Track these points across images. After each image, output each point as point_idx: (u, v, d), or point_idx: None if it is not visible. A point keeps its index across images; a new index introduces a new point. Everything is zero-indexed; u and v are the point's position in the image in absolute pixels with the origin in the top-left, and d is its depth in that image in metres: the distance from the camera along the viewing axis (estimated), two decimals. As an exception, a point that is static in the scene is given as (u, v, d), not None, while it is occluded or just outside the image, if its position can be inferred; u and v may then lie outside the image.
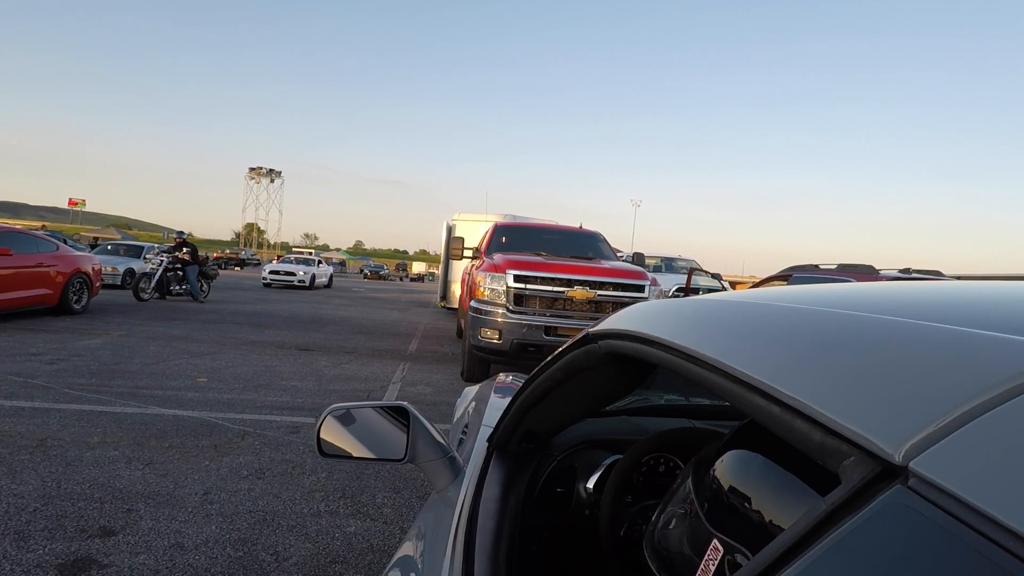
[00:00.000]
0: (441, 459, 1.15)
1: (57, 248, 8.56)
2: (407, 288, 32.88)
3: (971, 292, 0.57)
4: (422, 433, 1.13)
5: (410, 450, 1.11)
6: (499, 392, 1.81)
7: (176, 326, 8.45)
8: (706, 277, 11.91)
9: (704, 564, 0.58)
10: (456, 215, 13.30)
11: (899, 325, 0.46)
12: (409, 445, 1.11)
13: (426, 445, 1.13)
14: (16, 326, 7.25)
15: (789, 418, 0.43)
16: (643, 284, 6.02)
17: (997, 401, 0.33)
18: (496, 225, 8.05)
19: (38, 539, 2.35)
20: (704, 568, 0.58)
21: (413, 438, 1.12)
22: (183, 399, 4.59)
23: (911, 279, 4.92)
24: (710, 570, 0.57)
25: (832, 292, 0.66)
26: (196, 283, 12.54)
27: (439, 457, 1.14)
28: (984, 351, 0.38)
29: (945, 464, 0.31)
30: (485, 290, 5.92)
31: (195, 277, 12.53)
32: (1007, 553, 0.26)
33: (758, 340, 0.54)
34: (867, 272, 6.84)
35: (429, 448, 1.14)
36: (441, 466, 1.14)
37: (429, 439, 1.14)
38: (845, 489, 0.36)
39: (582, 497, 1.16)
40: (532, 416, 1.06)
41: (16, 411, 3.94)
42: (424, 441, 1.13)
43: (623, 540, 0.98)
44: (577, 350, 0.89)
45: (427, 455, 1.13)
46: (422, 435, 1.13)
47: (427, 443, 1.13)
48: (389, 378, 6.09)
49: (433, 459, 1.14)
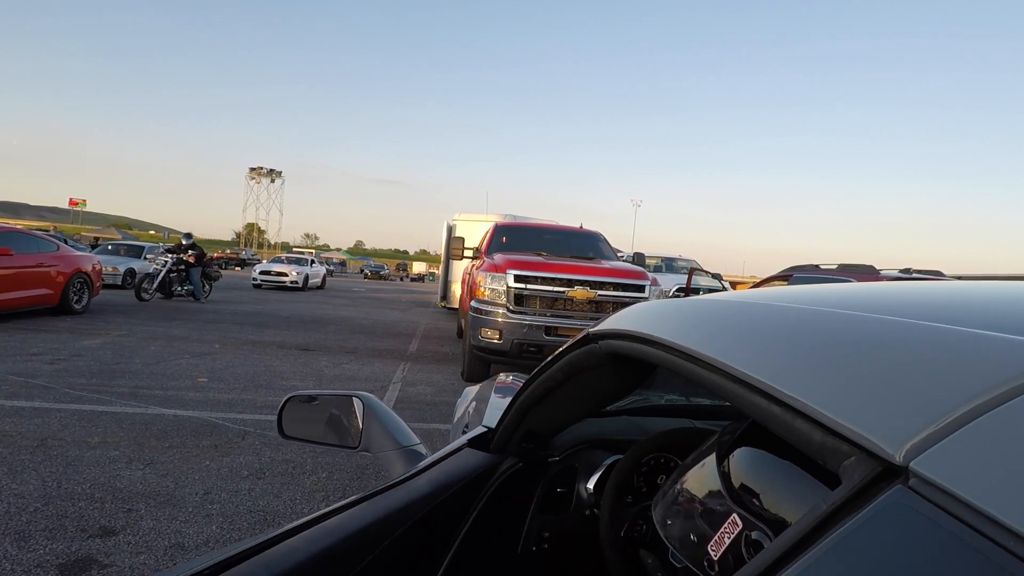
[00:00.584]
0: (396, 450, 1.15)
1: (58, 248, 8.57)
2: (407, 288, 32.90)
3: (972, 292, 0.57)
4: (377, 424, 1.16)
5: (364, 439, 1.15)
6: (499, 392, 1.81)
7: (177, 326, 8.45)
8: (706, 277, 11.92)
9: (719, 536, 0.58)
10: (457, 215, 13.30)
11: (900, 325, 0.46)
12: (363, 434, 1.15)
13: (381, 435, 1.15)
14: (17, 326, 7.25)
15: (789, 418, 0.43)
16: (643, 284, 6.02)
17: (998, 401, 0.33)
18: (496, 225, 8.06)
19: (39, 539, 2.35)
20: (718, 540, 0.58)
21: (367, 427, 1.15)
22: (184, 399, 4.59)
23: (912, 279, 4.92)
24: (724, 542, 0.57)
25: (833, 292, 0.66)
26: (199, 283, 12.58)
27: (393, 448, 1.16)
28: (985, 351, 0.38)
29: (946, 464, 0.31)
30: (485, 290, 5.92)
31: (198, 278, 12.57)
32: (1008, 553, 0.26)
33: (758, 340, 0.54)
34: (868, 272, 6.84)
35: (384, 439, 1.16)
36: (395, 457, 1.15)
37: (383, 430, 1.15)
38: (846, 489, 0.36)
39: (582, 497, 1.16)
40: (532, 416, 1.06)
41: (17, 411, 3.94)
42: (379, 431, 1.15)
43: (623, 540, 0.98)
44: (577, 350, 0.89)
45: (381, 445, 1.15)
46: (377, 425, 1.15)
47: (381, 434, 1.15)
48: (390, 378, 6.10)
49: (388, 450, 1.15)
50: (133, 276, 14.33)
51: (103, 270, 10.99)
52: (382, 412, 1.20)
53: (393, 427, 1.19)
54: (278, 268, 19.09)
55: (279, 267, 19.31)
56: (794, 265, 8.15)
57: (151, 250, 15.76)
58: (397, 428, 1.20)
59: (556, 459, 1.21)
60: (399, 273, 66.74)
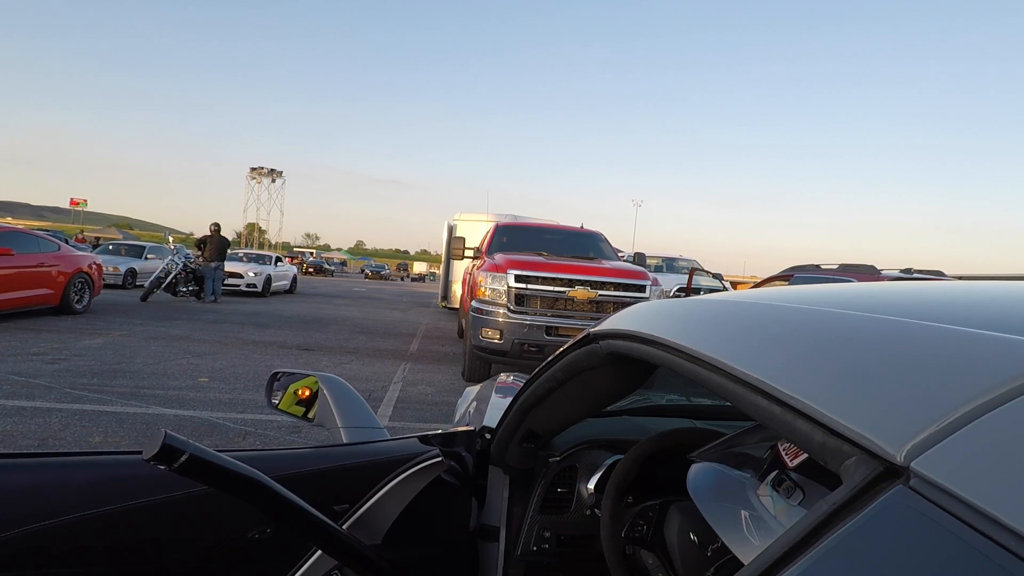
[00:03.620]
0: (345, 428, 1.28)
1: (59, 248, 8.57)
2: (408, 288, 32.89)
3: (972, 292, 0.57)
4: (336, 403, 1.32)
5: (319, 415, 1.35)
6: (500, 392, 1.81)
7: (177, 326, 8.45)
8: (707, 277, 11.91)
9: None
10: (457, 215, 13.29)
11: (901, 325, 0.46)
12: (319, 411, 1.35)
13: (337, 414, 1.31)
14: (18, 326, 7.26)
15: (790, 418, 0.43)
16: (644, 284, 6.02)
17: (999, 401, 0.33)
18: (497, 225, 8.05)
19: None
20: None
21: (324, 406, 1.34)
22: (184, 399, 4.59)
23: (912, 279, 4.92)
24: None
25: (833, 292, 0.66)
26: (220, 282, 12.49)
27: (342, 426, 1.29)
28: (985, 351, 0.38)
29: (947, 464, 0.31)
30: (486, 290, 5.92)
31: (222, 275, 12.50)
32: (1009, 553, 0.26)
33: (759, 340, 0.54)
34: (868, 272, 6.84)
35: (338, 417, 1.31)
36: (341, 434, 1.27)
37: (341, 410, 1.31)
38: (847, 489, 0.36)
39: (583, 497, 1.16)
40: (533, 416, 1.06)
41: (18, 411, 3.94)
42: (337, 410, 1.31)
43: (624, 540, 0.98)
44: (578, 350, 0.89)
45: (333, 422, 1.30)
46: (336, 405, 1.32)
47: (338, 412, 1.31)
48: (390, 378, 6.09)
49: (335, 427, 1.30)
50: (134, 276, 14.31)
51: (104, 270, 10.99)
52: (345, 394, 1.35)
53: (352, 409, 1.32)
54: (229, 268, 13.90)
55: (231, 266, 14.23)
56: (795, 265, 8.15)
57: (152, 250, 15.76)
58: (356, 410, 1.33)
59: (557, 459, 1.21)
60: (400, 273, 66.66)
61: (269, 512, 0.76)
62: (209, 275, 12.22)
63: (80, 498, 0.81)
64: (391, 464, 1.04)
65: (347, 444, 1.15)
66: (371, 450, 1.09)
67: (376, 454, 1.08)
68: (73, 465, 0.85)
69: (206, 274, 12.21)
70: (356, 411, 1.32)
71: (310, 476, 0.97)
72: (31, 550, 0.76)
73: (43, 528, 0.77)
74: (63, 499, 0.80)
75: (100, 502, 0.81)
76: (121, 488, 0.84)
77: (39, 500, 0.79)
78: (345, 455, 1.05)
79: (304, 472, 0.97)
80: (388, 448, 1.10)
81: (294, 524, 0.79)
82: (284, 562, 0.95)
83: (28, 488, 0.80)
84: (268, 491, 0.74)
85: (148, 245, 16.13)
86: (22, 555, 0.76)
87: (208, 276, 12.22)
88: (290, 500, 0.76)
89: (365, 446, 1.11)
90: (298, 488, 0.79)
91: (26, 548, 0.76)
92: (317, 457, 1.01)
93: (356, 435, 1.25)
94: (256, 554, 0.92)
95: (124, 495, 0.83)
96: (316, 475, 0.98)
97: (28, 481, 0.81)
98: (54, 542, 0.78)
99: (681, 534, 0.88)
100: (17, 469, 0.81)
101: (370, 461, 1.05)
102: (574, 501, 1.18)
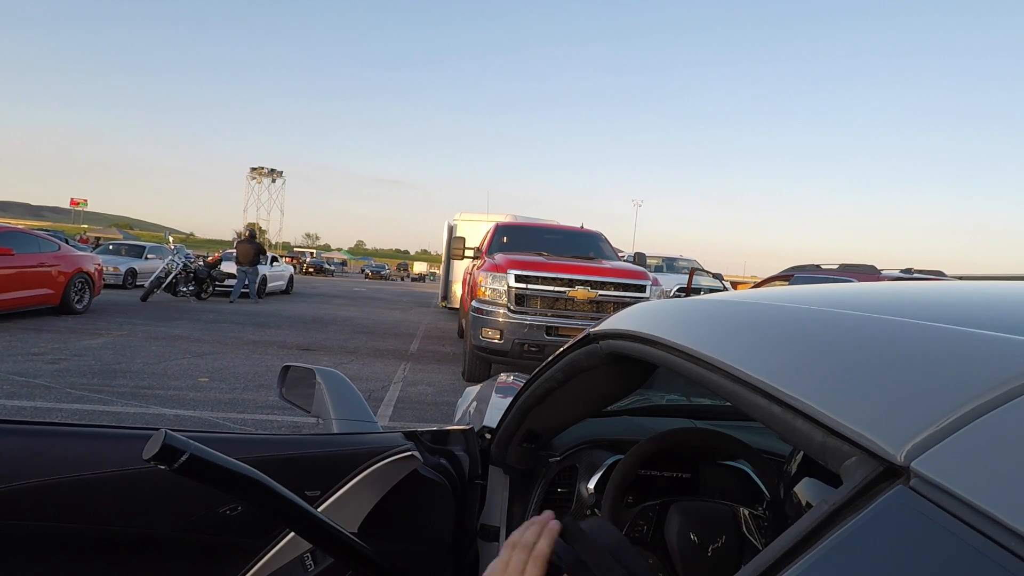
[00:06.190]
0: (339, 420, 1.32)
1: (59, 248, 8.57)
2: (408, 288, 32.89)
3: (973, 292, 0.57)
4: (334, 397, 1.36)
5: (316, 407, 1.38)
6: (500, 392, 1.81)
7: (178, 326, 8.45)
8: (707, 277, 11.90)
9: None
10: (457, 215, 13.29)
11: (901, 325, 0.46)
12: (316, 403, 1.39)
13: (333, 407, 1.35)
14: (18, 326, 7.26)
15: (790, 418, 0.43)
16: (644, 284, 6.02)
17: (999, 401, 0.33)
18: (497, 225, 8.05)
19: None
20: None
21: (321, 399, 1.37)
22: (185, 399, 4.59)
23: (913, 279, 4.91)
24: None
25: (834, 292, 0.66)
26: (256, 282, 12.82)
27: (337, 418, 1.33)
28: (986, 351, 0.38)
29: (947, 464, 0.31)
30: (486, 290, 5.92)
31: (256, 280, 12.82)
32: (1009, 553, 0.26)
33: (759, 340, 0.54)
34: (869, 272, 6.83)
35: (334, 410, 1.35)
36: (335, 426, 1.30)
37: (338, 403, 1.35)
38: (847, 489, 0.36)
39: (583, 497, 1.16)
40: (533, 416, 1.06)
41: (18, 411, 3.94)
42: (333, 404, 1.35)
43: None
44: (578, 350, 0.89)
45: (328, 414, 1.34)
46: (333, 398, 1.36)
47: (334, 406, 1.35)
48: (391, 378, 6.09)
49: (330, 418, 1.33)
50: (134, 276, 14.30)
51: (104, 270, 10.98)
52: (342, 387, 1.40)
53: (347, 402, 1.36)
54: (222, 268, 12.58)
55: (224, 266, 12.85)
56: (795, 265, 8.14)
57: (152, 250, 15.75)
58: (351, 403, 1.36)
59: (557, 459, 1.21)
60: (400, 273, 66.69)
61: (270, 512, 0.76)
62: (242, 277, 12.63)
63: (58, 464, 0.86)
64: (368, 455, 1.05)
65: (328, 434, 1.16)
66: (351, 440, 1.10)
67: (355, 444, 1.09)
68: (51, 434, 0.90)
69: (238, 276, 12.59)
70: (351, 404, 1.36)
71: (281, 461, 0.99)
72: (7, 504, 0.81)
73: (20, 488, 0.82)
74: (41, 465, 0.84)
75: (75, 469, 0.86)
76: (95, 457, 0.88)
77: (17, 464, 0.83)
78: (322, 443, 1.07)
79: (277, 456, 0.99)
80: (368, 440, 1.12)
81: (295, 526, 0.79)
82: (256, 537, 0.97)
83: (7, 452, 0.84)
84: (269, 491, 0.74)
85: (148, 245, 16.13)
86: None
87: (241, 279, 12.62)
88: (291, 500, 0.76)
89: (346, 436, 1.12)
90: (270, 471, 0.80)
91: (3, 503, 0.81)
92: (292, 443, 1.03)
93: (347, 427, 1.27)
94: (229, 528, 0.95)
95: (97, 464, 0.87)
96: (288, 460, 1.00)
97: (11, 446, 0.85)
98: (30, 500, 0.83)
99: (681, 534, 0.88)
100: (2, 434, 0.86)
101: (347, 451, 1.07)
102: (574, 501, 1.18)
